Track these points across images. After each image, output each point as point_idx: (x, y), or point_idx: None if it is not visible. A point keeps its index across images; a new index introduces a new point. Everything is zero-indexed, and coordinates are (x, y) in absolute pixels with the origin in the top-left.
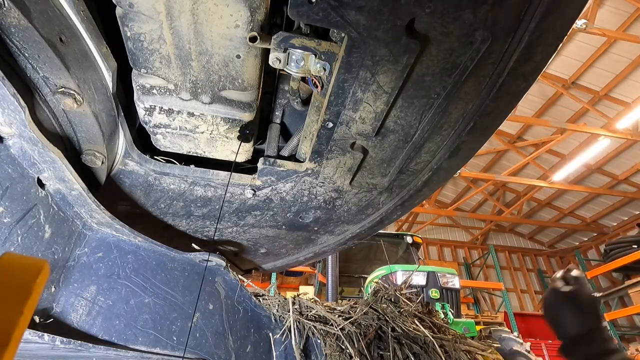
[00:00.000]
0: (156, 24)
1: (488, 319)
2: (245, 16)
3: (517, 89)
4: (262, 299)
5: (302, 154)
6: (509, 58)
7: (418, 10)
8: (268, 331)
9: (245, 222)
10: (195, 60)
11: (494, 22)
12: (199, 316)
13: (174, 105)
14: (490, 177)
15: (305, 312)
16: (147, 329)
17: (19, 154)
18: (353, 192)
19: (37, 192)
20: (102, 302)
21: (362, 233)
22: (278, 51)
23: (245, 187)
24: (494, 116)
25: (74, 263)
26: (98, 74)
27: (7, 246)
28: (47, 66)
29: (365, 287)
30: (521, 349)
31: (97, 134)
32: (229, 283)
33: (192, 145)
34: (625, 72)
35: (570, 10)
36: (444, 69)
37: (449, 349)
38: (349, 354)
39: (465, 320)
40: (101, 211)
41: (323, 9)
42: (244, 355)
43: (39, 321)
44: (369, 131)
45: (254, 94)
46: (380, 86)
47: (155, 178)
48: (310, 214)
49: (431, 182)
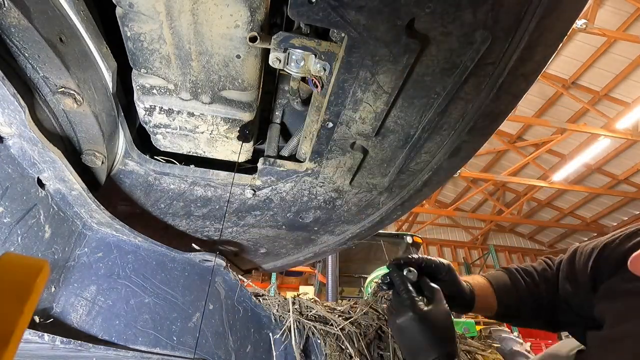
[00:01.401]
0: (156, 24)
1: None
2: (245, 16)
3: (517, 89)
4: (262, 299)
5: (302, 154)
6: (509, 58)
7: (418, 10)
8: (268, 331)
9: (245, 222)
10: (195, 60)
11: (494, 22)
12: (199, 316)
13: (174, 105)
14: (490, 177)
15: (305, 312)
16: (147, 329)
17: (19, 154)
18: (353, 192)
19: (37, 192)
20: (102, 302)
21: (362, 233)
22: (278, 51)
23: (245, 187)
24: (494, 116)
25: (74, 263)
26: (98, 74)
27: (7, 246)
28: (47, 66)
29: (365, 287)
30: (521, 349)
31: (97, 134)
32: (229, 283)
33: (192, 145)
34: (625, 72)
35: (570, 10)
36: (444, 69)
37: None
38: (349, 354)
39: (465, 320)
40: (101, 211)
41: (323, 9)
42: (244, 355)
43: (39, 321)
44: (369, 131)
45: (254, 94)
46: (380, 86)
47: (155, 178)
48: (310, 214)
49: (431, 182)
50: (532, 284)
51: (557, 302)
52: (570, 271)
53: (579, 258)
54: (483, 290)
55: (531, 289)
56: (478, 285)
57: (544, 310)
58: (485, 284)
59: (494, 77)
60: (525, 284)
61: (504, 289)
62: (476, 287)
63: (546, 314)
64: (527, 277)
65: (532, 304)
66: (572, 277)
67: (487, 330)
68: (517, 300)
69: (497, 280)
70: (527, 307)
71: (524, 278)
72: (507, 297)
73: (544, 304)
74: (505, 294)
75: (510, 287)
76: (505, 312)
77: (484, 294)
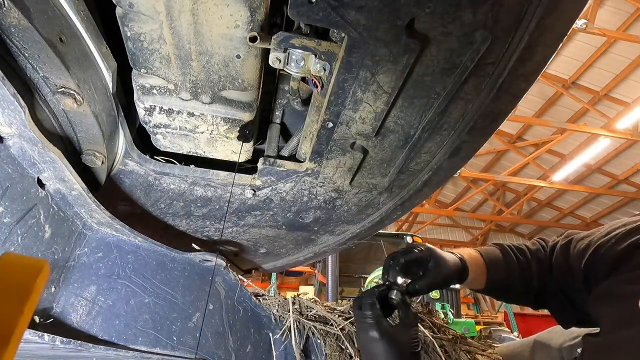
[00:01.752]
0: (156, 24)
1: (488, 319)
2: (245, 16)
3: (517, 89)
4: (262, 299)
5: (302, 154)
6: (509, 58)
7: (418, 10)
8: (268, 331)
9: (245, 222)
10: (195, 60)
11: (494, 22)
12: (199, 316)
13: (174, 105)
14: (490, 177)
15: (305, 312)
16: (147, 329)
17: (19, 154)
18: (353, 192)
19: (37, 192)
20: (102, 302)
21: (362, 233)
22: (278, 51)
23: (245, 187)
24: (494, 116)
25: (74, 263)
26: (98, 74)
27: (7, 246)
28: (47, 66)
29: (365, 287)
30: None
31: (97, 134)
32: (229, 283)
33: (192, 145)
34: (625, 72)
35: (570, 10)
36: (444, 69)
37: (449, 349)
38: (349, 354)
39: (465, 320)
40: (101, 211)
41: (323, 9)
42: (244, 355)
43: (39, 321)
44: (369, 131)
45: (254, 94)
46: (380, 86)
47: (155, 178)
48: (310, 214)
49: (431, 182)
50: (525, 261)
51: (550, 287)
52: (565, 262)
53: (573, 251)
54: (475, 263)
55: (522, 266)
56: (470, 258)
57: (532, 289)
58: (477, 257)
59: (494, 77)
60: (517, 261)
61: (496, 263)
62: (468, 259)
63: (535, 293)
64: (519, 254)
65: (521, 281)
66: (567, 268)
67: (487, 330)
68: (507, 275)
69: (488, 254)
70: (516, 284)
71: (517, 255)
72: (498, 271)
73: (535, 284)
74: (496, 267)
75: (501, 261)
76: (494, 286)
77: (475, 266)
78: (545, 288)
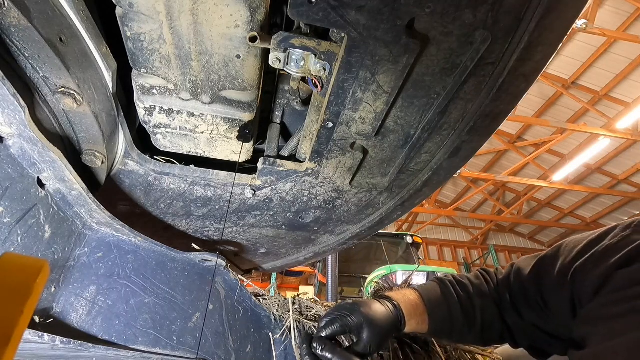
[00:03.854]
0: (156, 24)
1: None
2: (245, 16)
3: (517, 89)
4: (262, 299)
5: (302, 154)
6: (509, 58)
7: (418, 10)
8: (268, 331)
9: (245, 222)
10: (195, 60)
11: (494, 22)
12: (199, 316)
13: (174, 105)
14: (490, 177)
15: (305, 312)
16: (147, 329)
17: (19, 154)
18: (353, 192)
19: (37, 192)
20: (102, 302)
21: (362, 233)
22: (278, 51)
23: (245, 187)
24: (494, 116)
25: (74, 263)
26: (98, 74)
27: (7, 246)
28: (47, 66)
29: (365, 287)
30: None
31: (97, 134)
32: (229, 283)
33: (192, 145)
34: (625, 72)
35: (570, 10)
36: (444, 69)
37: (449, 349)
38: None
39: None
40: (101, 211)
41: (323, 9)
42: (244, 355)
43: (39, 321)
44: (369, 131)
45: (254, 94)
46: (380, 86)
47: (155, 178)
48: (310, 214)
49: (431, 182)
50: (466, 297)
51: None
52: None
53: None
54: (414, 307)
55: (463, 302)
56: (407, 304)
57: (477, 324)
58: (416, 300)
59: (494, 77)
60: (457, 296)
61: (435, 301)
62: (405, 306)
63: (479, 328)
64: (460, 289)
65: (465, 319)
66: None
67: None
68: (448, 312)
69: (428, 293)
70: (459, 322)
71: (457, 290)
72: (439, 310)
73: (478, 318)
74: (437, 308)
75: (441, 299)
76: (436, 327)
77: (414, 311)
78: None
